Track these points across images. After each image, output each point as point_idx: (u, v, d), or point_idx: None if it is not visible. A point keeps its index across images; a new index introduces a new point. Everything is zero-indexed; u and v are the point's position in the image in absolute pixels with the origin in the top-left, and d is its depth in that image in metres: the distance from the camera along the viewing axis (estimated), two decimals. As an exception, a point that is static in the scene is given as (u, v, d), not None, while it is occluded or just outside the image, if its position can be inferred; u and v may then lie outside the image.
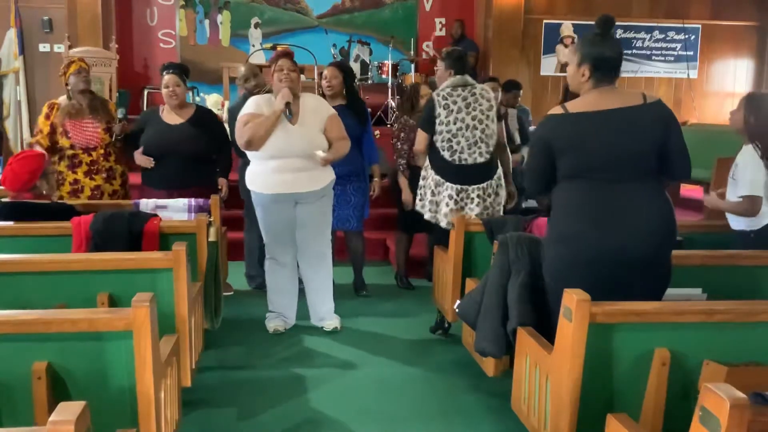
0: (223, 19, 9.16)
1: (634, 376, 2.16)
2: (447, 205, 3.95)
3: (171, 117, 4.22)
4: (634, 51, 9.35)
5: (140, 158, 4.17)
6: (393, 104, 8.23)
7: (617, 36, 9.08)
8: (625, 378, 2.18)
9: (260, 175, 3.80)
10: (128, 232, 3.18)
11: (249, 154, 3.84)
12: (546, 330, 2.51)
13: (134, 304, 2.00)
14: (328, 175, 3.89)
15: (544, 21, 9.18)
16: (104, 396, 2.04)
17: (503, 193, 4.10)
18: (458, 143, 3.92)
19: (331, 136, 3.81)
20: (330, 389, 3.27)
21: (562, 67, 9.26)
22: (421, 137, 4.03)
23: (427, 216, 4.07)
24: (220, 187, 4.40)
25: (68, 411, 1.42)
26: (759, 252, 3.00)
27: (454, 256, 3.59)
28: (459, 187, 3.94)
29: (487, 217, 3.82)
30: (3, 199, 3.43)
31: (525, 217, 3.84)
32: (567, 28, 9.17)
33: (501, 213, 4.09)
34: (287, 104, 3.66)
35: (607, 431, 1.98)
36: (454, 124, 3.91)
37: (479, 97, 3.96)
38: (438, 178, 3.99)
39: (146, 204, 3.68)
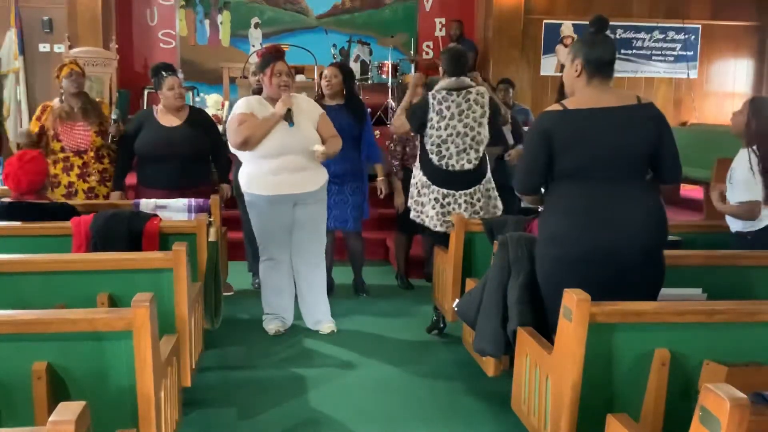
0: (223, 19, 9.15)
1: (634, 376, 2.16)
2: (433, 207, 3.92)
3: (167, 119, 4.13)
4: (634, 51, 9.33)
5: (114, 198, 4.13)
6: (393, 104, 8.22)
7: (616, 36, 9.17)
8: (625, 378, 2.18)
9: (256, 177, 3.80)
10: (128, 232, 3.17)
11: (243, 155, 3.83)
12: (546, 330, 2.51)
13: (134, 304, 2.00)
14: (323, 176, 3.93)
15: (544, 21, 9.16)
16: (104, 396, 2.04)
17: (495, 194, 4.07)
18: (447, 149, 3.89)
19: (324, 134, 3.86)
20: (330, 389, 3.28)
21: (562, 67, 9.20)
22: (404, 124, 4.00)
23: (412, 215, 4.06)
24: (221, 191, 4.37)
25: (68, 411, 1.42)
26: (759, 252, 3.01)
27: (454, 256, 3.59)
28: (445, 191, 3.92)
29: (488, 217, 3.82)
30: (3, 200, 3.42)
31: (525, 217, 3.84)
32: (567, 28, 9.15)
33: (497, 215, 4.07)
34: (288, 110, 3.69)
35: (607, 431, 1.98)
36: (445, 130, 3.87)
37: (473, 104, 3.90)
38: (425, 179, 3.97)
39: (146, 204, 3.68)
